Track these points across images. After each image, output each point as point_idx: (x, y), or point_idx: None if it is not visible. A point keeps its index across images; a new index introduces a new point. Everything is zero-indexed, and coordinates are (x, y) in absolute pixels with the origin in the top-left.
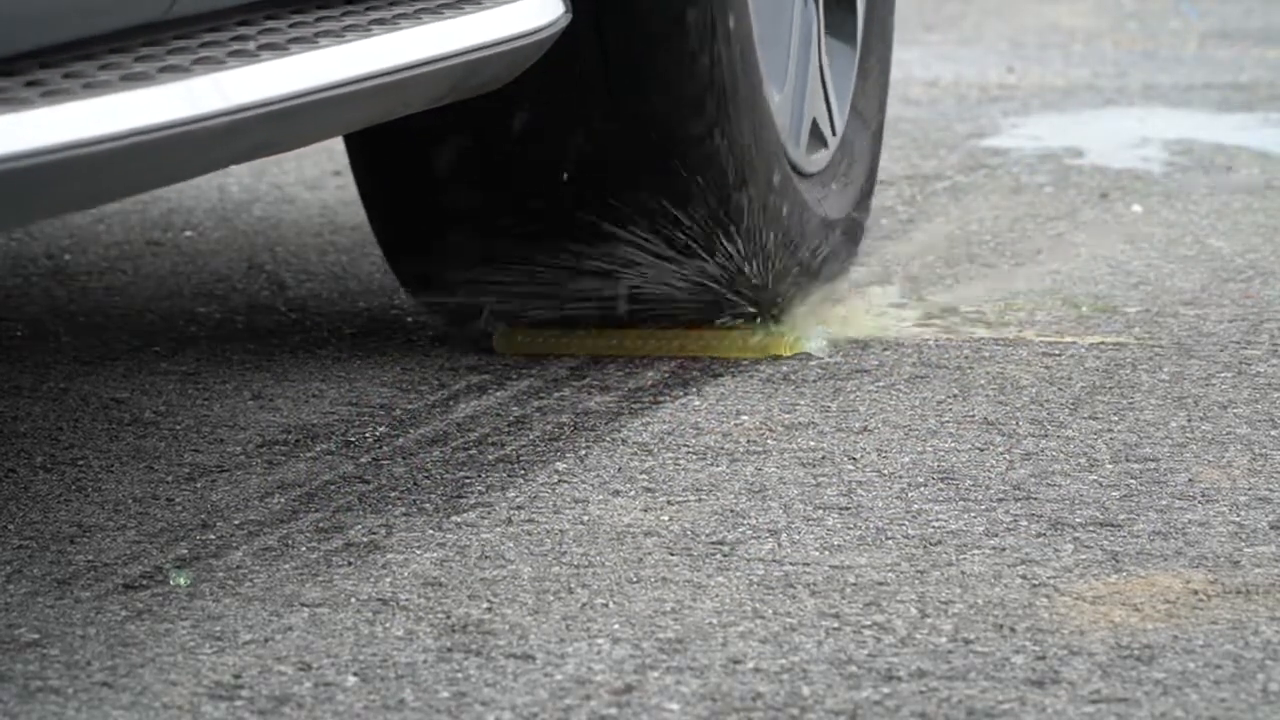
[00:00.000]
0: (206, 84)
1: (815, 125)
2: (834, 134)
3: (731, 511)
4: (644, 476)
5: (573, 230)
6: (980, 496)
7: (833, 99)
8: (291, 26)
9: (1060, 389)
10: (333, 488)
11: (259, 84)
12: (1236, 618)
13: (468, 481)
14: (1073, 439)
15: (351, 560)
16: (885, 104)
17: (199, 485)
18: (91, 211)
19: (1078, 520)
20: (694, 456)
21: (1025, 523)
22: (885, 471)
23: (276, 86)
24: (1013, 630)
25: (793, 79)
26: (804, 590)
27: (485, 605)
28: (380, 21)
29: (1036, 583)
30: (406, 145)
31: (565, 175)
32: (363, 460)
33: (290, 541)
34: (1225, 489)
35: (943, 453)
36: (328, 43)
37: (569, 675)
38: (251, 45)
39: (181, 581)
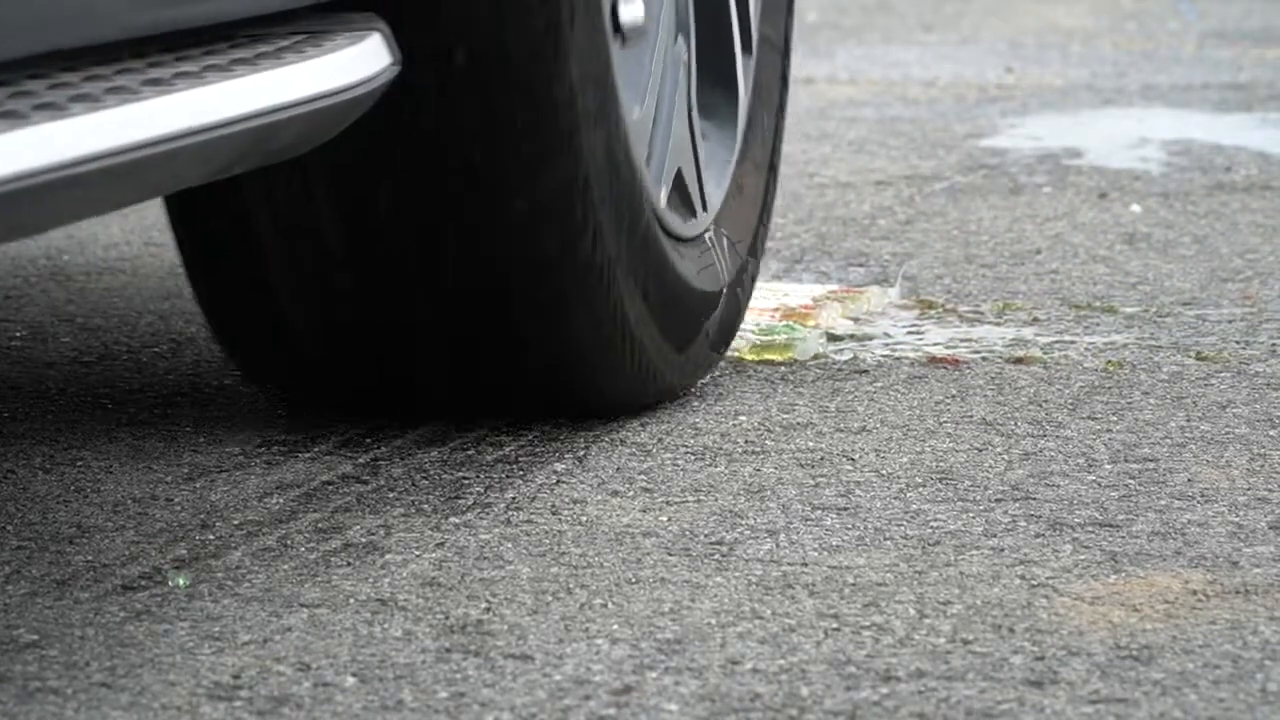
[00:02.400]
0: None
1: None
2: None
3: (730, 512)
4: (642, 477)
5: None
6: (979, 497)
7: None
8: (51, 89)
9: (1059, 389)
10: (331, 488)
11: None
12: (1235, 618)
13: (466, 482)
14: (1071, 439)
15: (350, 561)
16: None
17: (198, 485)
18: None
19: (1076, 520)
20: (692, 457)
21: (1024, 523)
22: (884, 472)
23: (7, 163)
24: (1011, 631)
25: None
26: (802, 591)
27: (484, 606)
28: (155, 82)
29: (1035, 583)
30: (229, 214)
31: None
32: (361, 460)
33: (289, 542)
34: (1224, 489)
35: (941, 453)
36: (80, 109)
37: (568, 675)
38: None
39: (180, 582)
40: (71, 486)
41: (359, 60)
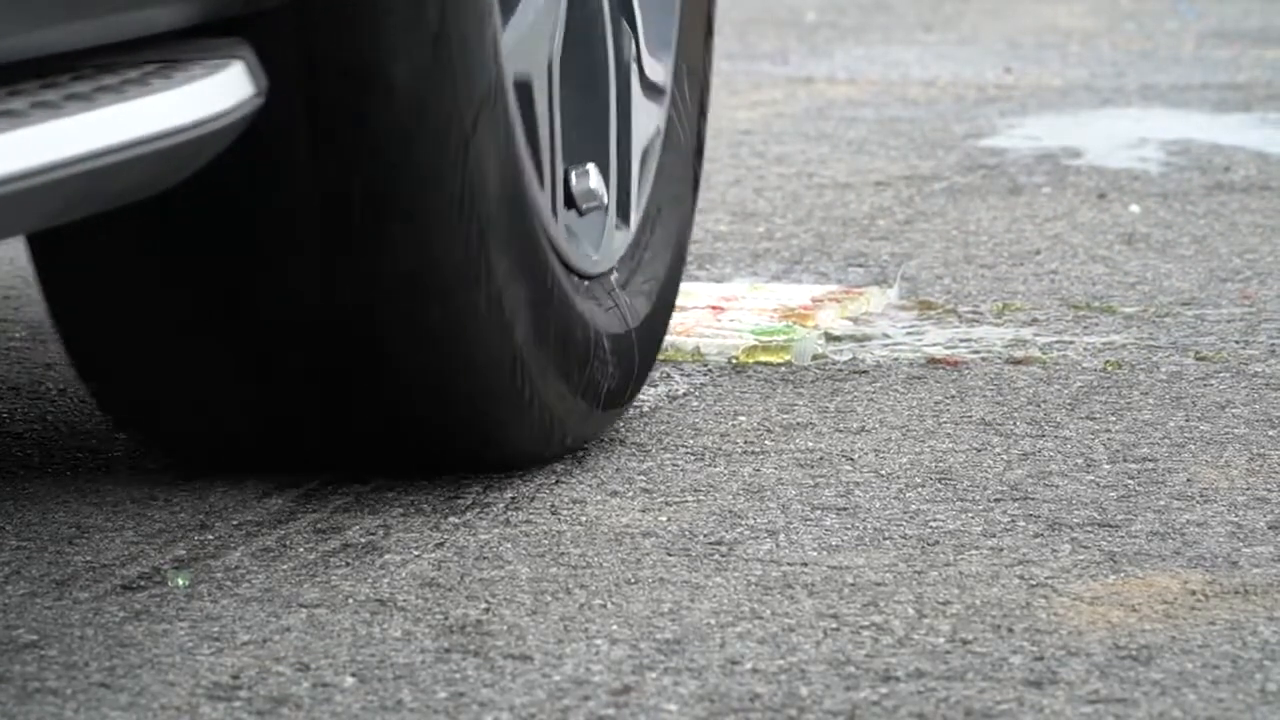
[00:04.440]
0: None
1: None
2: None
3: (729, 512)
4: (642, 477)
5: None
6: (978, 497)
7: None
8: None
9: (1058, 389)
10: (330, 488)
11: None
12: (1234, 618)
13: (465, 482)
14: (1070, 439)
15: (349, 561)
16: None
17: (197, 486)
18: None
19: (1075, 520)
20: (692, 457)
21: (1023, 523)
22: (883, 472)
23: None
24: (1010, 631)
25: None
26: (802, 591)
27: (483, 606)
28: None
29: (1034, 583)
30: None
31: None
32: None
33: (288, 542)
34: (1223, 489)
35: (940, 453)
36: None
37: (567, 676)
38: None
39: (180, 582)
40: (70, 487)
41: (215, 92)
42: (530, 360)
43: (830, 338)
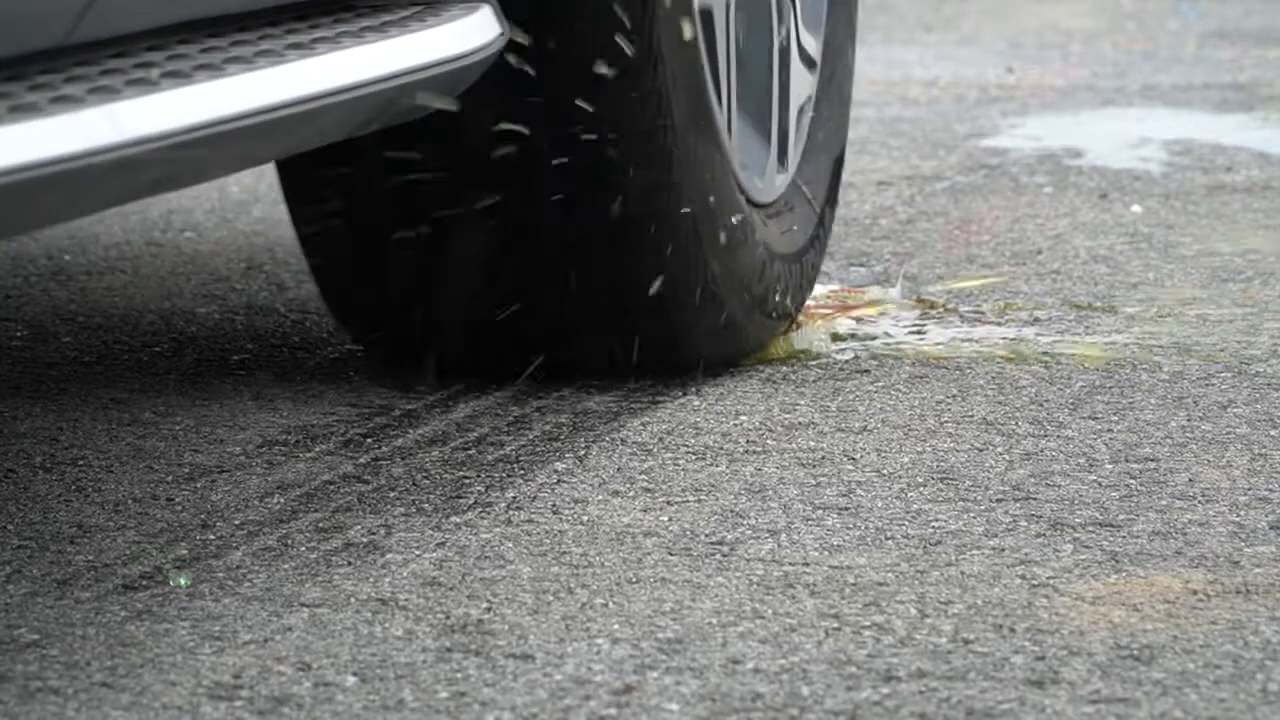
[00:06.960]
0: (99, 115)
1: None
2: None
3: (731, 512)
4: (643, 476)
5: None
6: (980, 497)
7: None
8: (203, 52)
9: (1060, 389)
10: (332, 488)
11: (156, 115)
12: (1236, 618)
13: (467, 481)
14: (1072, 439)
15: (351, 560)
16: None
17: (199, 485)
18: None
19: (1077, 520)
20: (693, 456)
21: (1025, 523)
22: (885, 472)
23: (176, 118)
24: (1012, 630)
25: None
26: (803, 590)
27: (485, 605)
28: (297, 46)
29: (1036, 583)
30: (340, 173)
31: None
32: (362, 460)
33: (290, 541)
34: (1225, 489)
35: (942, 453)
36: (236, 70)
37: (568, 675)
38: (155, 73)
39: (181, 582)
40: (72, 486)
41: (474, 29)
42: (718, 268)
43: (833, 336)
